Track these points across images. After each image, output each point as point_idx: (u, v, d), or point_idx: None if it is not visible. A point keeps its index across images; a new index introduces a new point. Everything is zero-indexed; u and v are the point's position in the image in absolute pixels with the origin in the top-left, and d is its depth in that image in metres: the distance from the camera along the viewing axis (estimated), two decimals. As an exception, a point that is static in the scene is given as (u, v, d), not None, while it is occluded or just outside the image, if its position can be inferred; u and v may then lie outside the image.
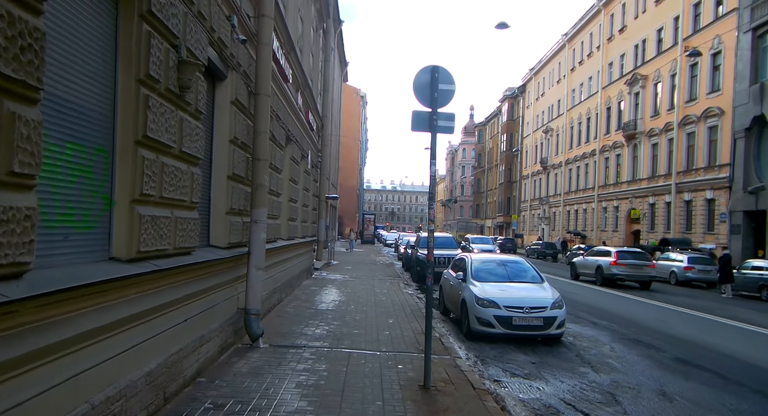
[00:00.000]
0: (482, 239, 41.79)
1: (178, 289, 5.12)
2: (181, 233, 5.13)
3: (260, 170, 7.66)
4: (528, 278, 10.77)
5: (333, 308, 11.72)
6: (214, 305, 6.48)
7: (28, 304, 2.77)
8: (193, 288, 5.61)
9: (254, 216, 7.63)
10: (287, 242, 12.38)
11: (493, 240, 42.98)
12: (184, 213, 5.21)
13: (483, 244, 36.94)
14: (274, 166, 10.16)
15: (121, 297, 3.89)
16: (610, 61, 43.28)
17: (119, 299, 3.86)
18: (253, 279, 7.61)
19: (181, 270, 5.11)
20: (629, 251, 22.39)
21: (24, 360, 2.82)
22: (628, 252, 22.15)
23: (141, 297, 4.25)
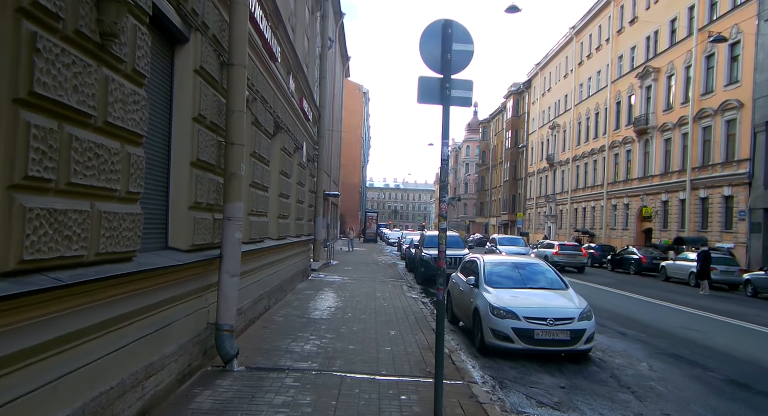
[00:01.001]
0: (512, 239, 33.58)
1: (107, 308, 3.83)
2: (111, 233, 3.82)
3: (234, 157, 6.35)
4: (549, 284, 9.44)
5: (328, 316, 10.41)
6: (171, 323, 5.18)
7: None
8: (135, 305, 4.31)
9: (227, 212, 6.32)
10: (277, 242, 11.08)
11: (525, 241, 35.69)
12: (115, 206, 3.90)
13: (513, 246, 29.42)
14: (259, 156, 8.86)
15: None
16: (620, 53, 41.82)
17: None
18: (226, 288, 6.31)
19: (111, 283, 3.81)
20: (567, 245, 30.68)
21: None
22: (566, 245, 30.28)
23: (33, 325, 2.95)
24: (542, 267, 10.02)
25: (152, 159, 5.16)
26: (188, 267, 5.48)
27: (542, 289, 9.19)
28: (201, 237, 5.95)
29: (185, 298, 5.61)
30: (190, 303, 5.75)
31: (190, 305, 5.75)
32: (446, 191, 5.00)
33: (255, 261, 9.01)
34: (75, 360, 3.45)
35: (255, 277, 9.13)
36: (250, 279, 8.73)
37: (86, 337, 3.57)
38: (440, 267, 4.90)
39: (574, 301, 8.64)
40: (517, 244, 31.11)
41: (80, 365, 3.51)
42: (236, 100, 6.34)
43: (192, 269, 5.66)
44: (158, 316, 4.86)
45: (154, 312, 4.76)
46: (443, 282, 4.95)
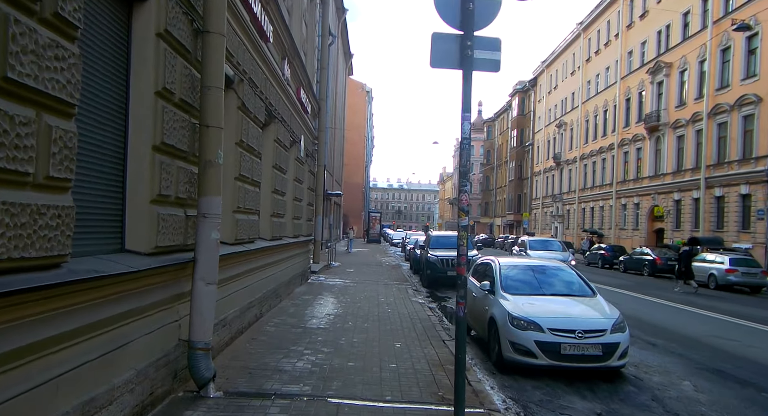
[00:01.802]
0: (545, 242, 26.53)
1: (16, 333, 2.82)
2: (18, 232, 2.81)
3: (211, 142, 5.33)
4: (575, 290, 8.40)
5: (326, 325, 9.39)
6: (125, 343, 4.17)
7: None
8: (65, 325, 3.31)
9: (202, 207, 5.31)
10: (271, 243, 10.06)
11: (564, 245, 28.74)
12: (26, 196, 2.89)
13: (548, 251, 23.05)
14: (247, 146, 7.85)
15: None
16: (629, 49, 40.70)
17: None
18: (201, 299, 5.29)
19: (20, 300, 2.80)
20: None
21: None
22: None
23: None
24: (565, 271, 8.96)
25: (99, 139, 4.15)
26: (149, 274, 4.47)
27: (567, 296, 8.14)
28: (168, 238, 4.94)
29: (147, 312, 4.60)
30: (153, 318, 4.74)
31: (153, 320, 4.73)
32: (467, 178, 4.00)
33: (243, 265, 8.00)
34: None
35: (243, 283, 8.12)
36: (236, 286, 7.72)
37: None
38: (460, 275, 3.87)
39: (604, 310, 7.59)
40: (552, 249, 24.24)
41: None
42: (213, 74, 5.33)
43: (156, 276, 4.65)
44: (105, 337, 3.85)
45: (99, 332, 3.75)
46: (464, 294, 3.93)
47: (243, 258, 7.94)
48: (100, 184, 4.22)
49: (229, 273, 7.22)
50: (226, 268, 7.08)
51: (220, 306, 6.93)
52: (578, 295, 8.19)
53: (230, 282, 7.36)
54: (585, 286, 8.50)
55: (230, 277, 7.32)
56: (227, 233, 7.44)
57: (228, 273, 7.17)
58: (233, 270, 7.44)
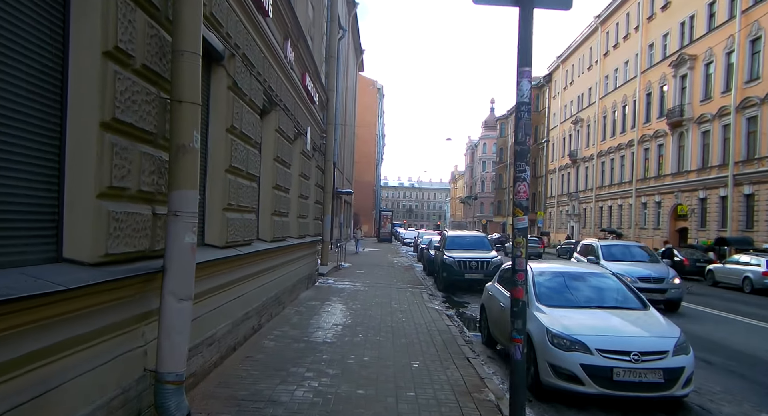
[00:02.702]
0: (626, 249, 16.66)
1: None
2: None
3: (184, 121, 4.23)
4: (621, 301, 7.21)
5: (333, 338, 8.28)
6: (61, 384, 3.08)
7: None
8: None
9: (173, 203, 4.20)
10: (271, 245, 8.97)
11: (652, 252, 17.43)
12: None
13: (632, 263, 14.92)
14: (240, 133, 6.75)
15: None
16: (650, 42, 39.22)
17: None
18: (172, 319, 4.18)
19: None
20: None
21: None
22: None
23: None
24: (608, 278, 7.77)
25: (25, 112, 3.06)
26: (96, 290, 3.38)
27: (613, 309, 6.95)
28: (126, 243, 3.84)
29: (96, 339, 3.51)
30: (106, 346, 3.64)
31: (105, 349, 3.64)
32: (526, 158, 2.89)
33: (236, 271, 6.90)
34: None
35: (237, 292, 7.02)
36: (228, 295, 6.63)
37: None
38: (517, 299, 2.76)
39: (662, 327, 6.41)
40: (638, 259, 15.51)
41: None
42: (187, 35, 4.22)
43: (106, 293, 3.55)
44: (26, 379, 2.77)
45: (13, 374, 2.66)
46: (521, 326, 2.82)
47: (236, 264, 6.84)
48: (25, 172, 3.13)
49: (218, 282, 6.13)
50: (215, 276, 5.99)
51: (208, 321, 5.84)
52: (626, 308, 7.00)
53: (220, 292, 6.27)
54: (633, 296, 7.31)
55: (220, 286, 6.23)
56: (216, 235, 6.35)
57: (217, 281, 6.09)
58: (223, 277, 6.35)
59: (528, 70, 2.89)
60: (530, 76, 2.93)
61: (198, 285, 5.37)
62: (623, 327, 6.32)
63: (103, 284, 3.44)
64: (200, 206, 6.17)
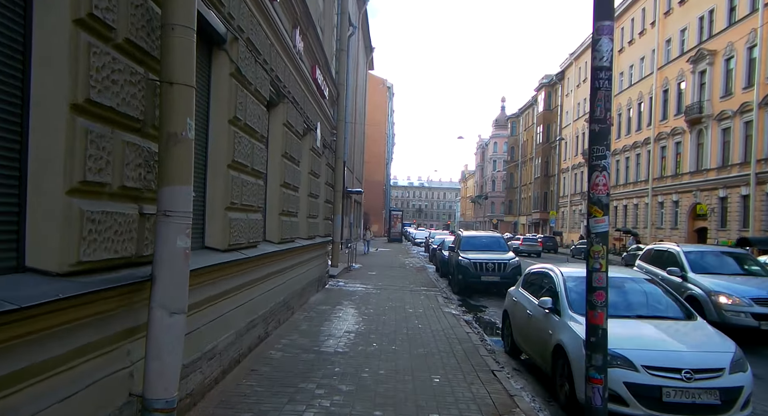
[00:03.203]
0: (719, 256, 12.11)
1: None
2: None
3: (176, 106, 3.63)
4: (664, 310, 6.55)
5: (345, 348, 7.68)
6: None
7: None
8: None
9: (163, 202, 3.62)
10: (279, 247, 8.38)
11: None
12: None
13: (733, 279, 10.68)
14: (245, 125, 6.17)
15: None
16: (667, 37, 38.29)
17: None
18: (161, 336, 3.59)
19: None
20: (528, 237, 40.41)
21: None
22: (528, 238, 41.02)
23: None
24: (648, 283, 7.09)
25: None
26: (65, 306, 2.79)
27: (656, 319, 6.30)
28: (105, 247, 3.25)
29: (71, 362, 2.94)
30: (83, 369, 3.07)
31: (83, 372, 3.07)
32: (606, 140, 2.31)
33: (240, 276, 6.31)
34: None
35: (241, 299, 6.43)
36: (231, 303, 6.04)
37: None
38: (595, 326, 2.22)
39: (714, 340, 5.76)
40: (738, 271, 11.59)
41: None
42: (178, 6, 3.62)
43: (81, 308, 2.97)
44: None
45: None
46: (600, 362, 2.28)
47: (240, 268, 6.25)
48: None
49: (219, 289, 5.54)
50: (217, 282, 5.41)
51: (208, 333, 5.26)
52: (670, 317, 6.34)
53: (222, 300, 5.69)
54: (676, 304, 6.65)
55: (222, 294, 5.65)
56: (217, 237, 5.77)
57: (218, 288, 5.50)
58: (226, 283, 5.76)
59: (608, 25, 2.30)
60: (611, 32, 2.35)
61: (196, 293, 4.80)
62: (671, 341, 5.66)
63: (73, 298, 2.85)
64: (200, 205, 5.59)
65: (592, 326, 2.43)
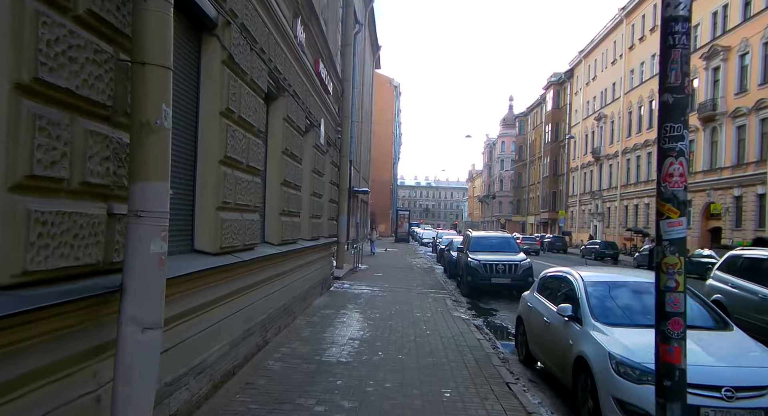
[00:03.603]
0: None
1: None
2: None
3: (149, 89, 3.15)
4: (695, 319, 5.95)
5: (348, 357, 7.19)
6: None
7: None
8: None
9: (135, 200, 3.14)
10: (279, 249, 7.91)
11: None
12: None
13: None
14: (239, 119, 5.70)
15: None
16: (679, 33, 37.50)
17: None
18: (132, 357, 3.11)
19: None
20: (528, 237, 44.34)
21: None
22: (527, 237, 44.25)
23: None
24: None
25: None
26: (8, 323, 2.32)
27: (689, 329, 5.74)
28: (62, 254, 2.78)
29: (21, 389, 2.46)
30: (38, 396, 2.59)
31: (37, 400, 2.59)
32: (683, 116, 1.96)
33: (235, 282, 5.83)
34: None
35: (235, 306, 5.95)
36: (224, 311, 5.56)
37: None
38: (671, 366, 1.77)
39: (755, 353, 5.22)
40: None
41: None
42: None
43: (33, 325, 2.50)
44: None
45: None
46: (679, 412, 1.71)
47: (235, 273, 5.78)
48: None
49: (210, 296, 5.07)
50: (206, 289, 4.94)
51: (196, 346, 4.79)
52: (704, 327, 5.80)
53: (213, 308, 5.21)
54: (708, 312, 6.11)
55: (213, 301, 5.17)
56: (208, 239, 5.29)
57: (208, 295, 5.03)
58: (218, 290, 5.29)
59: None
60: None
61: (183, 301, 4.33)
62: (707, 354, 5.12)
63: (16, 316, 2.37)
64: (188, 205, 5.12)
65: (667, 365, 1.91)
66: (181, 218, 5.03)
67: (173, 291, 4.15)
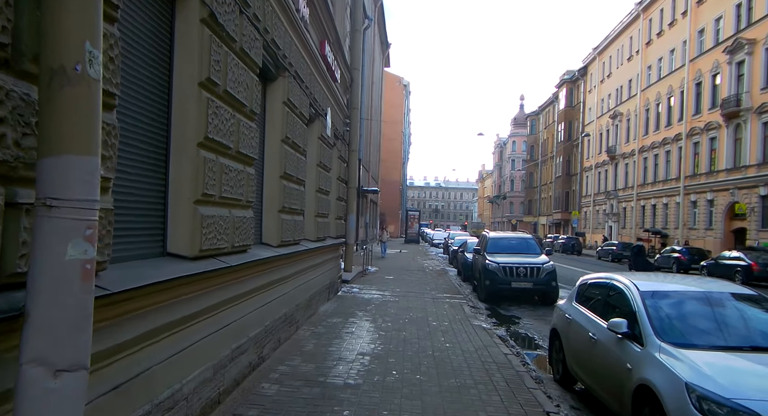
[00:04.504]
0: None
1: None
2: None
3: (63, 21, 2.13)
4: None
5: (357, 377, 6.15)
6: None
7: None
8: None
9: (43, 183, 2.12)
10: (278, 251, 6.89)
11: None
12: None
13: None
14: (225, 92, 4.69)
15: None
16: (700, 27, 36.24)
17: None
18: (40, 411, 2.09)
19: None
20: None
21: None
22: None
23: None
24: (742, 303, 5.41)
25: None
26: None
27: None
28: None
29: None
30: None
31: None
32: None
33: (221, 291, 4.81)
34: None
35: (221, 320, 4.92)
36: (206, 328, 4.54)
37: None
38: None
39: None
40: None
41: None
42: None
43: None
44: None
45: None
46: None
47: (221, 280, 4.76)
48: None
49: (186, 310, 4.07)
50: (181, 302, 3.95)
51: (166, 373, 3.79)
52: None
53: (190, 325, 4.20)
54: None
55: (190, 317, 4.16)
56: (184, 240, 4.28)
57: (185, 309, 4.03)
58: (197, 302, 4.28)
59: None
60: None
61: (145, 321, 3.33)
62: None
63: None
64: (159, 197, 4.12)
65: None
66: (148, 214, 4.03)
67: (131, 307, 3.15)
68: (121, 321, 3.05)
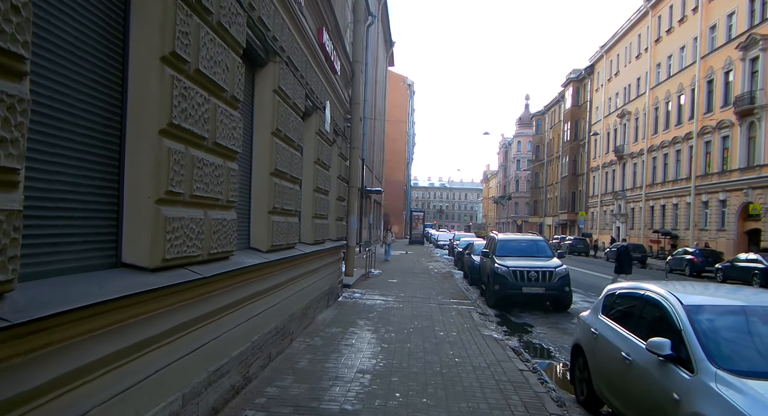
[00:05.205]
0: None
1: None
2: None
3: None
4: None
5: (356, 402, 5.40)
6: None
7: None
8: None
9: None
10: (267, 257, 6.13)
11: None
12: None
13: None
14: (197, 72, 3.95)
15: None
16: (711, 23, 35.36)
17: None
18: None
19: None
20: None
21: None
22: None
23: None
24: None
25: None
26: None
27: None
28: None
29: None
30: None
31: None
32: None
33: (191, 308, 4.07)
34: None
35: (193, 341, 4.18)
36: (175, 352, 3.80)
37: None
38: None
39: None
40: None
41: None
42: None
43: None
44: None
45: None
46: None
47: (192, 295, 4.02)
48: None
49: (145, 333, 3.33)
50: (138, 323, 3.22)
51: (118, 411, 3.03)
52: None
53: (151, 351, 3.46)
54: None
55: (150, 342, 3.42)
56: (143, 247, 3.54)
57: (142, 332, 3.29)
58: (160, 323, 3.54)
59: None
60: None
61: (82, 350, 2.58)
62: None
63: None
64: (111, 196, 3.38)
65: None
66: (96, 216, 3.29)
67: (49, 339, 2.41)
68: (35, 358, 2.31)
